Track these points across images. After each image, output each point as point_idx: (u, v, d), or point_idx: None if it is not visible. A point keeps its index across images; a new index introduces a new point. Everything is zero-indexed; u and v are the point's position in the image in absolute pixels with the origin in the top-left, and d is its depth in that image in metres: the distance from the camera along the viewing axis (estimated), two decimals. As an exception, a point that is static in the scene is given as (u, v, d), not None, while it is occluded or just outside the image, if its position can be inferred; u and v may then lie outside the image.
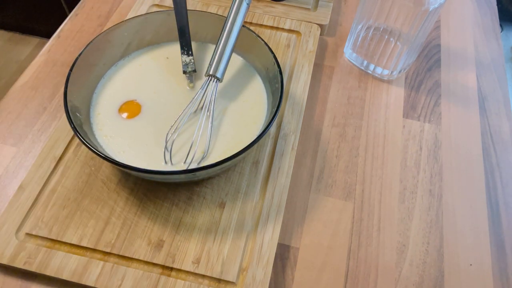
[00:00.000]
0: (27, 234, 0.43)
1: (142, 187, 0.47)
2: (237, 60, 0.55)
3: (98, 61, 0.51)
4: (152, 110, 0.50)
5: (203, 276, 0.42)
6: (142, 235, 0.44)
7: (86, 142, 0.41)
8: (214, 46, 0.57)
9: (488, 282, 0.45)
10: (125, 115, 0.50)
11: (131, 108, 0.50)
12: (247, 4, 0.49)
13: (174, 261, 0.42)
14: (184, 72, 0.53)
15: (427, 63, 0.64)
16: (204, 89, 0.48)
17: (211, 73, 0.48)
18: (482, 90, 0.62)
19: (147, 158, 0.46)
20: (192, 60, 0.53)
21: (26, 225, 0.44)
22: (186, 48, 0.54)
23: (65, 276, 0.41)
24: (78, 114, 0.46)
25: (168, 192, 0.47)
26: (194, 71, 0.53)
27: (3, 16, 1.62)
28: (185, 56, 0.53)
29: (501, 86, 0.62)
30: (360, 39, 0.61)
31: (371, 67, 0.61)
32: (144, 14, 0.54)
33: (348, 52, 0.63)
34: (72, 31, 0.64)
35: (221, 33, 0.49)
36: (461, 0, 0.74)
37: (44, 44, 0.63)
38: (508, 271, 0.46)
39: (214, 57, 0.48)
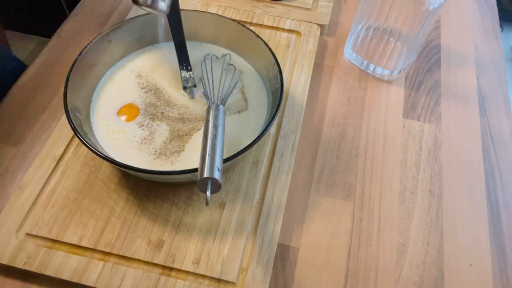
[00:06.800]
0: (27, 234, 0.43)
1: (142, 187, 0.47)
2: (237, 60, 0.55)
3: (98, 61, 0.51)
4: (150, 113, 0.50)
5: (203, 276, 0.42)
6: (142, 235, 0.44)
7: (86, 142, 0.41)
8: (214, 46, 0.57)
9: (488, 282, 0.45)
10: (124, 117, 0.50)
11: (130, 111, 0.50)
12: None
13: (174, 261, 0.42)
14: (184, 88, 0.52)
15: (427, 63, 0.64)
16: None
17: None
18: (482, 90, 0.62)
19: (146, 158, 0.47)
20: (192, 75, 0.52)
21: (26, 225, 0.44)
22: (184, 63, 0.52)
23: (65, 276, 0.41)
24: (78, 114, 0.46)
25: (168, 192, 0.47)
26: (194, 86, 0.52)
27: (4, 16, 1.62)
28: (184, 72, 0.52)
29: (501, 86, 0.62)
30: (360, 39, 0.61)
31: (371, 67, 0.61)
32: (144, 14, 0.54)
33: (348, 52, 0.63)
34: (72, 31, 0.64)
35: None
36: (461, 0, 0.74)
37: (44, 44, 0.63)
38: (508, 271, 0.46)
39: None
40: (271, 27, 0.63)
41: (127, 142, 0.48)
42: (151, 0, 0.38)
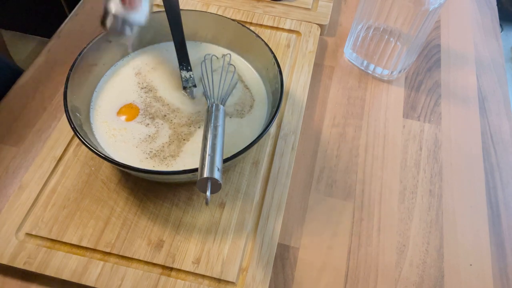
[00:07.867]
0: (27, 234, 0.43)
1: (142, 187, 0.47)
2: (237, 60, 0.55)
3: (98, 61, 0.51)
4: (150, 114, 0.50)
5: (203, 276, 0.42)
6: (142, 235, 0.44)
7: (86, 142, 0.41)
8: (214, 46, 0.57)
9: (488, 282, 0.45)
10: (123, 117, 0.50)
11: (130, 111, 0.50)
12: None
13: (174, 261, 0.42)
14: (184, 88, 0.52)
15: (427, 63, 0.64)
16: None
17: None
18: (482, 90, 0.62)
19: (145, 158, 0.46)
20: (192, 76, 0.52)
21: (26, 225, 0.44)
22: (184, 63, 0.52)
23: (65, 276, 0.41)
24: (78, 114, 0.46)
25: (168, 192, 0.47)
26: (194, 86, 0.52)
27: (3, 16, 1.62)
28: (184, 72, 0.52)
29: (501, 86, 0.62)
30: (360, 39, 0.61)
31: (371, 67, 0.61)
32: (144, 14, 0.54)
33: (348, 52, 0.63)
34: (72, 31, 0.64)
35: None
36: (461, 0, 0.74)
37: (44, 44, 0.63)
38: (508, 271, 0.46)
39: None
40: (271, 27, 0.63)
41: (129, 139, 0.48)
42: (119, 26, 0.41)
